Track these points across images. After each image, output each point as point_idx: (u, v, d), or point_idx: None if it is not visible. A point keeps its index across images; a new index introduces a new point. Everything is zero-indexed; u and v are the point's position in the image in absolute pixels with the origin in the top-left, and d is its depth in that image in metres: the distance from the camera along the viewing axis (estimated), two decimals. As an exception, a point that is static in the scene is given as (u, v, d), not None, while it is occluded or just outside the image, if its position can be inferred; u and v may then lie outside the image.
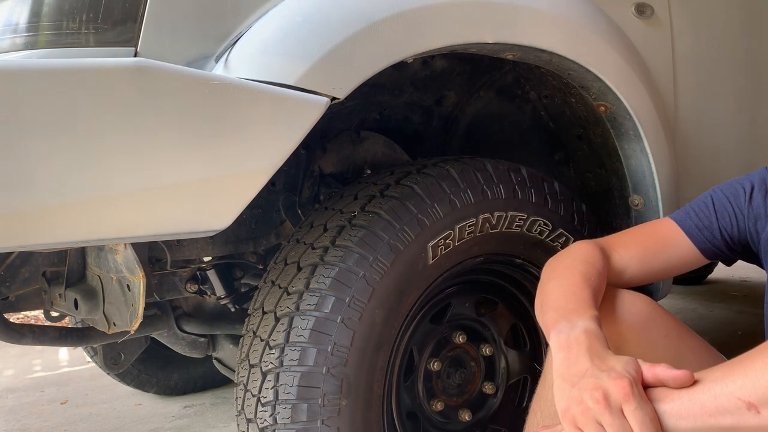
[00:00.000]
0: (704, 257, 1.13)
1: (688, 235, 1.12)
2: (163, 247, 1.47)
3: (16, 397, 2.83)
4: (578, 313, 0.91)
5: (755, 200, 1.08)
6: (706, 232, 1.11)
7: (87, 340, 1.66)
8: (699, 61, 1.64)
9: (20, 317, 4.42)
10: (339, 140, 1.69)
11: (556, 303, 0.96)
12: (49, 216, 0.90)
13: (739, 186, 1.11)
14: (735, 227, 1.10)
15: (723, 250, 1.12)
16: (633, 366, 0.79)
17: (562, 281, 1.01)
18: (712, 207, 1.12)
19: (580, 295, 0.95)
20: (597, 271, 1.03)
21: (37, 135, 0.87)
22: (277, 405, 1.18)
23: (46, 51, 1.00)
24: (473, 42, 1.23)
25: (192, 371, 2.62)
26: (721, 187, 1.14)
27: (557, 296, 0.98)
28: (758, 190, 1.08)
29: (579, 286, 0.97)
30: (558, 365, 0.85)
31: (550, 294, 1.00)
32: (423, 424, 1.45)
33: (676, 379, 0.76)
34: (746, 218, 1.09)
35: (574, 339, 0.86)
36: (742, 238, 1.10)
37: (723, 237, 1.11)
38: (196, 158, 0.96)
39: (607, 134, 1.55)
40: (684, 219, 1.14)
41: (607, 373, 0.78)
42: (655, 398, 0.77)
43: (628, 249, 1.12)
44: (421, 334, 1.44)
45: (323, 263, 1.22)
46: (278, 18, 1.09)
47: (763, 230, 1.07)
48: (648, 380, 0.78)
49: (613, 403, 0.75)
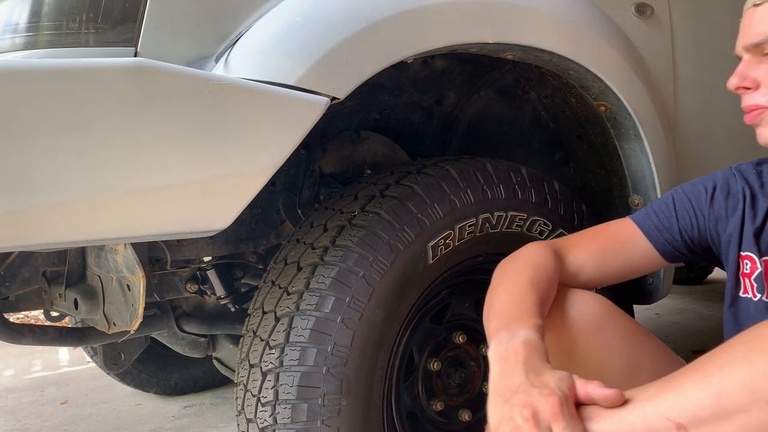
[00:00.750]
0: (664, 259, 1.10)
1: (647, 236, 1.09)
2: (163, 247, 1.47)
3: (16, 397, 2.83)
4: (520, 321, 0.88)
5: (716, 201, 1.05)
6: (666, 233, 1.08)
7: (87, 340, 1.66)
8: (699, 61, 1.64)
9: (20, 317, 4.42)
10: (339, 140, 1.69)
11: (500, 310, 0.93)
12: (49, 216, 0.90)
13: (701, 186, 1.08)
14: (695, 228, 1.07)
15: (683, 251, 1.09)
16: (566, 383, 0.77)
17: (508, 286, 0.98)
18: (673, 208, 1.09)
19: (525, 302, 0.93)
20: (546, 275, 0.99)
21: (37, 135, 0.87)
22: (277, 405, 1.18)
23: (46, 51, 1.00)
24: (473, 42, 1.23)
25: (192, 371, 2.62)
26: (683, 188, 1.11)
27: (502, 303, 0.95)
28: (720, 190, 1.06)
29: (525, 293, 0.94)
30: (493, 378, 0.83)
31: (495, 300, 0.97)
32: (423, 424, 1.45)
33: (607, 399, 0.74)
34: (707, 219, 1.06)
35: (512, 350, 0.84)
36: (703, 239, 1.08)
37: (683, 238, 1.08)
38: (196, 158, 0.96)
39: (607, 134, 1.55)
40: (644, 220, 1.11)
41: (539, 390, 0.76)
42: (587, 417, 0.75)
43: (584, 250, 1.09)
44: (421, 334, 1.44)
45: (323, 263, 1.22)
46: (278, 18, 1.09)
47: (724, 232, 1.05)
48: (580, 398, 0.76)
49: (542, 421, 0.73)
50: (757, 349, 0.67)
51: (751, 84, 0.97)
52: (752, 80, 0.97)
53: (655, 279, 1.57)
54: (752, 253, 1.00)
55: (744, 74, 0.97)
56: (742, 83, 0.98)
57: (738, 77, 0.98)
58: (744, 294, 1.02)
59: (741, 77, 0.97)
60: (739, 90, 0.99)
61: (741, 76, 0.97)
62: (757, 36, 0.95)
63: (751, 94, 0.97)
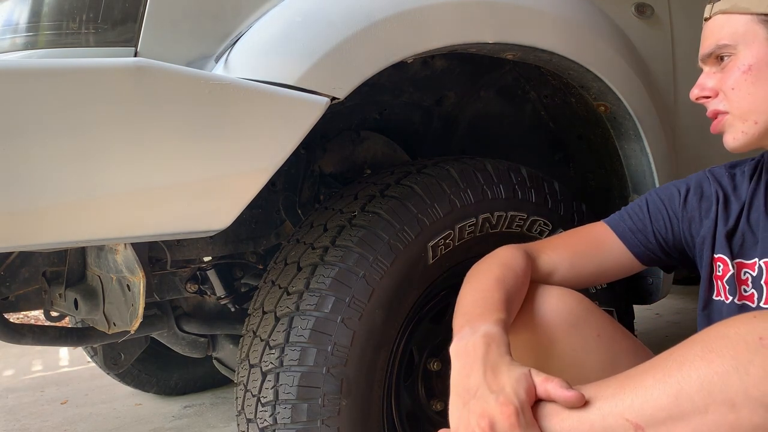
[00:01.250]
0: (639, 262, 1.10)
1: (622, 238, 1.09)
2: (163, 247, 1.47)
3: (16, 397, 2.83)
4: (483, 317, 0.88)
5: (690, 203, 1.06)
6: (640, 235, 1.09)
7: (87, 340, 1.66)
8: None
9: (20, 317, 4.42)
10: (339, 140, 1.69)
11: (465, 308, 0.94)
12: (49, 216, 0.90)
13: (674, 189, 1.09)
14: (669, 231, 1.08)
15: (658, 254, 1.09)
16: (524, 384, 0.76)
17: (475, 285, 0.98)
18: (647, 210, 1.09)
19: (489, 299, 0.93)
20: (514, 273, 1.00)
21: (37, 135, 0.87)
22: (277, 405, 1.18)
23: (46, 51, 1.00)
24: (473, 42, 1.23)
25: (192, 371, 2.62)
26: (657, 191, 1.11)
27: (467, 302, 0.95)
28: (693, 192, 1.06)
29: (490, 290, 0.95)
30: (453, 376, 0.84)
31: (461, 299, 0.97)
32: (423, 424, 1.45)
33: (567, 401, 0.73)
34: (680, 221, 1.07)
35: (471, 345, 0.84)
36: (677, 242, 1.08)
37: (657, 241, 1.08)
38: (196, 158, 0.96)
39: (607, 134, 1.55)
40: (617, 222, 1.11)
41: (496, 396, 0.75)
42: (545, 414, 0.75)
43: (557, 251, 1.09)
44: (421, 334, 1.44)
45: (323, 263, 1.22)
46: (278, 18, 1.09)
47: (698, 234, 1.05)
48: (540, 395, 0.76)
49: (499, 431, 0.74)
50: (714, 349, 0.67)
51: (710, 93, 1.00)
52: (710, 89, 1.00)
53: (655, 279, 1.57)
54: (725, 255, 1.01)
55: (702, 85, 1.00)
56: (701, 93, 1.01)
57: (698, 88, 1.01)
58: (717, 297, 1.02)
59: (700, 88, 1.01)
60: (699, 100, 1.02)
61: (700, 87, 1.01)
62: (708, 47, 0.99)
63: (711, 101, 1.00)
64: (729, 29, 0.96)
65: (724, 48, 0.96)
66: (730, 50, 0.96)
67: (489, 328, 0.86)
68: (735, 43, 0.95)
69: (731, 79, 0.96)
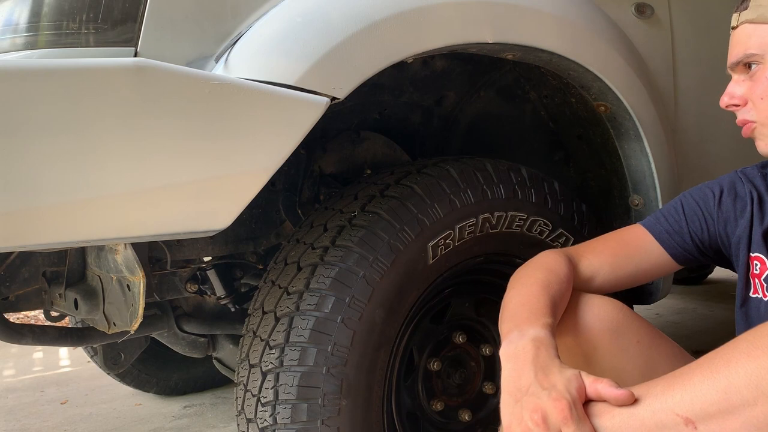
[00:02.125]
0: (676, 263, 1.13)
1: (659, 240, 1.12)
2: (163, 247, 1.47)
3: (16, 397, 2.83)
4: (530, 321, 0.91)
5: (724, 204, 1.08)
6: (677, 237, 1.11)
7: (87, 340, 1.66)
8: (699, 61, 1.64)
9: (20, 317, 4.42)
10: (339, 140, 1.69)
11: (512, 313, 0.96)
12: (49, 216, 0.90)
13: (708, 190, 1.11)
14: (705, 231, 1.10)
15: (695, 254, 1.12)
16: (575, 384, 0.78)
17: (521, 290, 1.00)
18: (682, 212, 1.11)
19: (536, 303, 0.95)
20: (558, 278, 1.02)
21: (37, 135, 0.87)
22: (277, 405, 1.18)
23: (46, 51, 1.00)
24: (473, 42, 1.23)
25: (192, 371, 2.62)
26: (691, 192, 1.13)
27: (513, 306, 0.97)
28: (727, 193, 1.08)
29: (536, 295, 0.97)
30: (504, 377, 0.86)
31: (507, 304, 0.99)
32: (423, 424, 1.45)
33: (617, 399, 0.76)
34: (716, 222, 1.09)
35: (521, 349, 0.86)
36: (713, 242, 1.10)
37: (694, 242, 1.10)
38: (196, 158, 0.96)
39: (607, 134, 1.55)
40: (654, 225, 1.13)
41: (548, 392, 0.78)
42: (596, 413, 0.77)
43: (598, 255, 1.11)
44: (421, 334, 1.44)
45: (323, 263, 1.22)
46: (278, 18, 1.09)
47: (733, 234, 1.07)
48: (590, 395, 0.78)
49: (552, 425, 0.75)
50: (760, 346, 0.70)
51: (739, 101, 1.02)
52: (739, 98, 1.01)
53: (655, 279, 1.57)
54: (761, 253, 1.02)
55: (731, 93, 1.02)
56: (731, 101, 1.03)
57: (727, 96, 1.03)
58: (754, 294, 1.04)
59: (729, 96, 1.03)
60: (729, 108, 1.04)
61: (729, 95, 1.03)
62: (736, 56, 1.00)
63: (740, 110, 1.02)
64: (756, 39, 0.97)
65: (752, 57, 0.98)
66: (757, 59, 0.97)
67: (537, 332, 0.88)
68: (762, 53, 0.96)
69: (760, 89, 0.98)
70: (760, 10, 0.96)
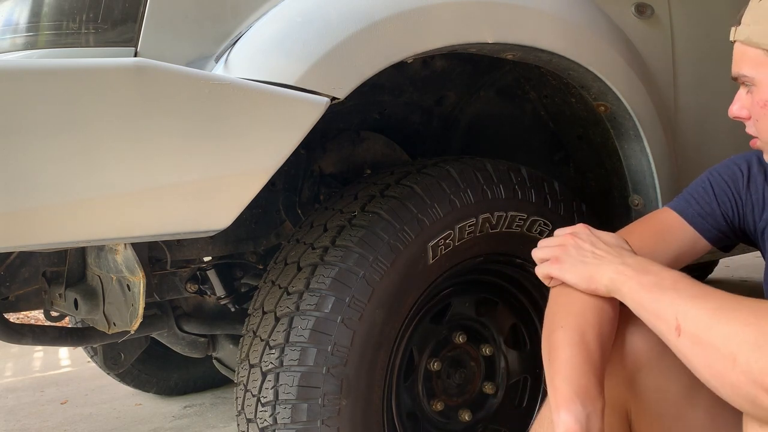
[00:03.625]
0: (712, 245, 1.09)
1: (692, 224, 1.08)
2: (163, 247, 1.46)
3: (16, 397, 2.83)
4: (591, 398, 0.87)
5: (753, 184, 1.05)
6: (710, 219, 1.08)
7: (87, 340, 1.66)
8: (699, 61, 1.64)
9: (20, 317, 4.42)
10: (339, 140, 1.69)
11: (567, 373, 0.90)
12: (49, 216, 0.90)
13: (736, 167, 1.08)
14: (736, 212, 1.07)
15: (729, 235, 1.09)
16: None
17: (574, 338, 0.93)
18: (712, 193, 1.08)
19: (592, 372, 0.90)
20: (609, 319, 0.96)
21: (37, 135, 0.87)
22: (277, 405, 1.18)
23: (46, 51, 1.00)
24: (473, 42, 1.23)
25: (192, 371, 2.62)
26: (719, 169, 1.09)
27: (567, 362, 0.91)
28: (758, 171, 1.05)
29: (591, 357, 0.91)
30: None
31: (559, 352, 0.92)
32: (423, 424, 1.45)
33: None
34: (744, 203, 1.06)
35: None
36: (742, 223, 1.07)
37: (727, 222, 1.07)
38: (196, 158, 0.96)
39: (607, 134, 1.55)
40: (685, 208, 1.09)
41: None
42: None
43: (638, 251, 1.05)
44: (421, 334, 1.44)
45: (323, 263, 1.22)
46: (278, 18, 1.09)
47: (760, 218, 1.04)
48: None
49: None
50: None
51: (744, 115, 1.00)
52: (745, 113, 1.00)
53: (655, 279, 1.57)
54: None
55: (739, 105, 1.00)
56: (738, 114, 1.01)
57: (736, 105, 1.01)
58: None
59: (738, 107, 1.00)
60: (737, 119, 1.02)
61: (738, 106, 1.00)
62: (734, 72, 0.99)
63: (747, 123, 1.00)
64: (747, 61, 0.96)
65: (745, 78, 0.97)
66: (750, 81, 0.96)
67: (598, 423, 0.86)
68: (753, 76, 0.95)
69: (755, 110, 0.96)
70: (747, 32, 0.94)
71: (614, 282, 0.89)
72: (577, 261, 0.94)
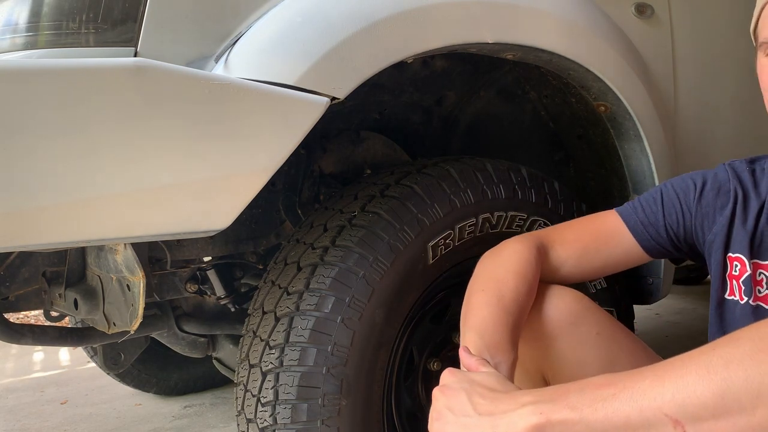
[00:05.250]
0: (648, 255, 1.08)
1: (632, 232, 1.07)
2: (163, 247, 1.47)
3: (16, 397, 2.83)
4: (500, 350, 0.89)
5: (705, 198, 1.03)
6: (651, 229, 1.06)
7: (87, 340, 1.66)
8: (699, 61, 1.64)
9: (20, 317, 4.42)
10: (339, 140, 1.69)
11: (479, 326, 0.94)
12: (49, 216, 0.90)
13: (691, 181, 1.06)
14: (681, 225, 1.05)
15: (668, 248, 1.07)
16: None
17: (490, 298, 0.97)
18: (660, 203, 1.06)
19: (504, 326, 0.93)
20: (528, 287, 0.99)
21: (36, 135, 0.87)
22: (277, 405, 1.18)
23: (46, 51, 1.00)
24: (473, 42, 1.23)
25: (192, 371, 2.62)
26: (673, 182, 1.08)
27: (481, 318, 0.95)
28: (711, 187, 1.03)
29: (505, 312, 0.94)
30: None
31: (474, 309, 0.97)
32: (423, 424, 1.45)
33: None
34: (693, 217, 1.04)
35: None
36: (688, 237, 1.06)
37: (668, 235, 1.06)
38: (196, 158, 0.96)
39: (607, 134, 1.55)
40: (630, 214, 1.08)
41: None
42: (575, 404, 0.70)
43: (568, 246, 1.08)
44: (421, 334, 1.44)
45: (323, 263, 1.22)
46: (278, 18, 1.09)
47: (710, 231, 1.02)
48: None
49: None
50: (764, 349, 0.63)
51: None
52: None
53: (655, 279, 1.57)
54: (742, 254, 0.98)
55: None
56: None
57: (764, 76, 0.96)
58: (730, 296, 1.00)
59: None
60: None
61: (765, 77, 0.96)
62: (762, 36, 0.95)
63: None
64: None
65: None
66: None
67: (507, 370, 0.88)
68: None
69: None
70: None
71: (545, 428, 0.71)
72: (459, 426, 0.77)
